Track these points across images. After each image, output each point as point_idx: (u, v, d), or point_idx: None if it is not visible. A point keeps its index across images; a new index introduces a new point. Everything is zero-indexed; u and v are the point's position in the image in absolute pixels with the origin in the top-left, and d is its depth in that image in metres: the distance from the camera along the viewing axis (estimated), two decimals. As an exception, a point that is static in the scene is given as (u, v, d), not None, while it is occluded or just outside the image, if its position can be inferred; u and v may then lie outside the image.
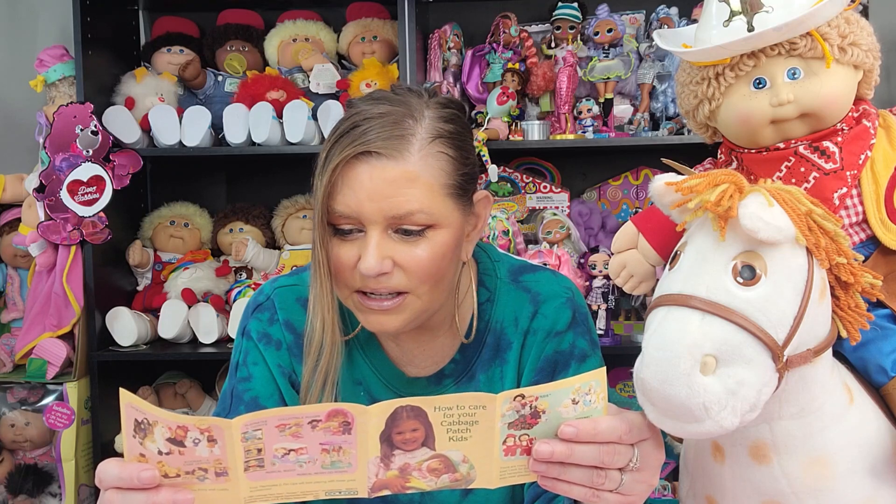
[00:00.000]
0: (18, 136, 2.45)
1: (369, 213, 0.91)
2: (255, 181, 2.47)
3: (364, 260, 0.91)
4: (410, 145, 0.91)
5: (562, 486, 0.78)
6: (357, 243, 0.93)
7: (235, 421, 0.70)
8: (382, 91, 0.99)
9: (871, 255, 1.01)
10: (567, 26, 2.15)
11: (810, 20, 0.95)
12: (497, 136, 2.06)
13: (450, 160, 0.94)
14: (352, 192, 0.91)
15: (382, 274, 0.92)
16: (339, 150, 0.91)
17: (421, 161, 0.91)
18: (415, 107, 0.94)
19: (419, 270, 0.93)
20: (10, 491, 2.19)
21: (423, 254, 0.92)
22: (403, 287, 0.93)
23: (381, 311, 0.95)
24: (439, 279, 0.95)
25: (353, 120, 0.92)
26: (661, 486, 2.08)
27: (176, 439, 0.71)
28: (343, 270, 0.94)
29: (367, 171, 0.90)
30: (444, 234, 0.94)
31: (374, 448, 0.74)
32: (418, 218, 0.91)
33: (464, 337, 1.05)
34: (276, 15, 2.36)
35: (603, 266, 2.05)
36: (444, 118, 0.95)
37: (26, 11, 2.51)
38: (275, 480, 0.74)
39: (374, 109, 0.93)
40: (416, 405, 0.73)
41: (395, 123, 0.91)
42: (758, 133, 1.02)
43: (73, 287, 2.12)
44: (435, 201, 0.92)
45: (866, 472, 0.92)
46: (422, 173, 0.91)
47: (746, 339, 0.76)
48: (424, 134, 0.92)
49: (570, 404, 0.76)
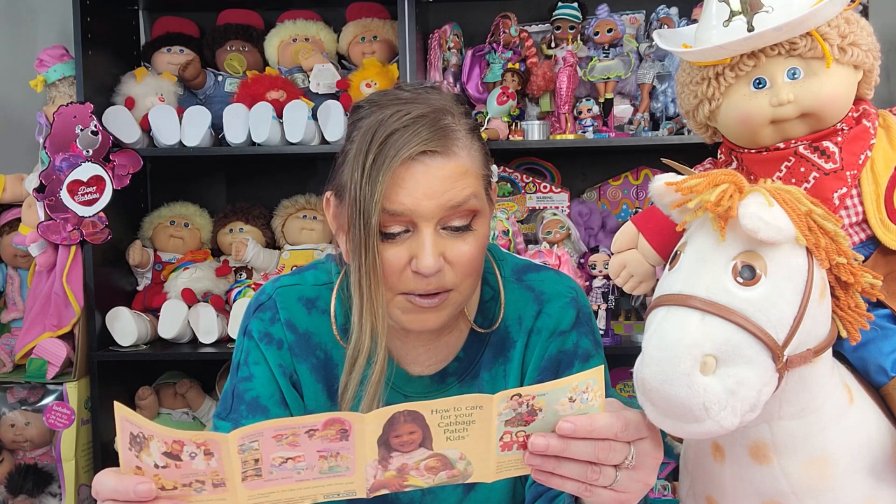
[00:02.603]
0: (18, 136, 2.45)
1: (425, 211, 0.91)
2: (255, 181, 2.47)
3: (422, 259, 0.92)
4: (458, 140, 0.94)
5: (556, 479, 0.78)
6: (406, 244, 0.93)
7: (231, 435, 0.70)
8: (394, 92, 0.99)
9: (871, 255, 1.01)
10: (567, 26, 2.15)
11: (810, 20, 0.95)
12: (497, 136, 2.07)
13: (483, 152, 0.99)
14: (406, 192, 0.91)
15: (437, 271, 0.93)
16: (392, 153, 0.90)
17: (468, 155, 0.95)
18: (443, 104, 0.96)
19: (468, 265, 0.95)
20: (10, 491, 2.19)
21: (470, 249, 0.95)
22: (450, 284, 0.95)
23: (427, 310, 0.96)
24: (479, 272, 0.99)
25: (392, 124, 0.92)
26: (661, 486, 2.08)
27: (172, 453, 0.71)
28: (392, 274, 0.93)
29: (423, 171, 0.91)
30: (484, 224, 0.98)
31: (372, 452, 0.74)
32: (471, 204, 0.94)
33: (480, 327, 1.06)
34: (276, 15, 2.36)
35: (603, 266, 2.05)
36: (466, 113, 0.99)
37: (26, 11, 2.51)
38: (273, 488, 0.74)
39: (411, 111, 0.93)
40: (413, 410, 0.73)
41: (439, 122, 0.93)
42: (758, 133, 1.02)
43: (73, 287, 2.12)
44: (480, 190, 0.96)
45: (866, 472, 0.92)
46: (470, 166, 0.95)
47: (746, 339, 0.76)
48: (463, 129, 0.96)
49: (567, 402, 0.76)
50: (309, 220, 2.31)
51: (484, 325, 1.07)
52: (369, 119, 0.94)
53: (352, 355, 0.97)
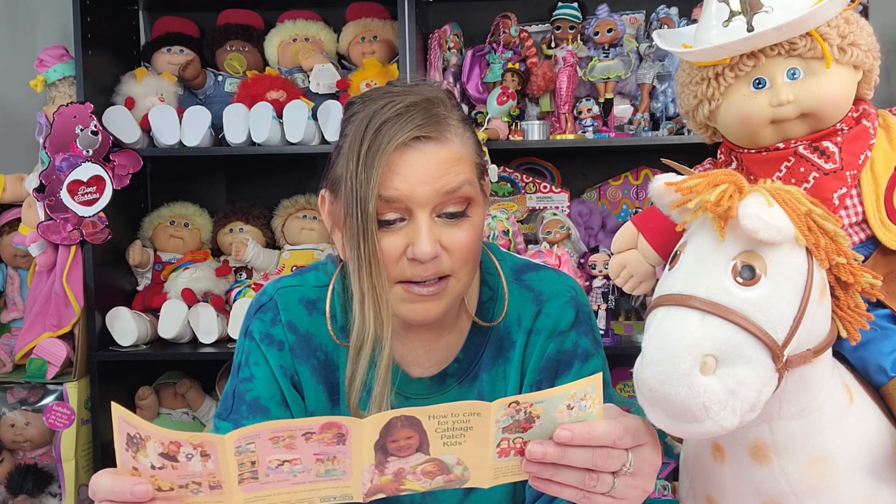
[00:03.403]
0: (18, 136, 2.45)
1: (420, 197, 0.92)
2: (255, 181, 2.47)
3: (418, 245, 0.92)
4: (451, 128, 0.95)
5: (553, 487, 0.78)
6: (402, 232, 0.94)
7: (228, 436, 0.70)
8: (386, 87, 1.00)
9: (871, 255, 1.01)
10: (567, 26, 2.15)
11: (810, 20, 0.95)
12: (497, 136, 2.06)
13: (475, 141, 1.00)
14: (402, 178, 0.92)
15: (434, 258, 0.93)
16: (386, 140, 0.91)
17: (461, 143, 0.96)
18: (434, 94, 0.97)
19: (464, 250, 0.95)
20: (10, 491, 2.19)
21: (465, 235, 0.95)
22: (447, 270, 0.95)
23: (426, 298, 0.96)
24: (476, 259, 1.00)
25: (385, 114, 0.93)
26: (661, 486, 2.08)
27: (169, 454, 0.71)
28: (389, 262, 0.94)
29: (417, 157, 0.92)
30: (479, 212, 0.98)
31: (369, 457, 0.74)
32: (466, 190, 0.95)
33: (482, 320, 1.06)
34: (276, 15, 2.36)
35: (603, 266, 2.05)
36: (457, 105, 1.00)
37: (26, 11, 2.51)
38: (269, 491, 0.74)
39: (404, 100, 0.94)
40: (410, 415, 0.73)
41: (431, 109, 0.94)
42: (757, 133, 1.02)
43: (73, 287, 2.12)
44: (474, 178, 0.97)
45: (866, 472, 0.92)
46: (463, 153, 0.96)
47: (746, 339, 0.76)
48: (455, 118, 0.97)
49: (566, 410, 0.76)
50: (309, 220, 2.31)
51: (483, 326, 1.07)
52: (362, 112, 0.95)
53: (355, 344, 0.96)
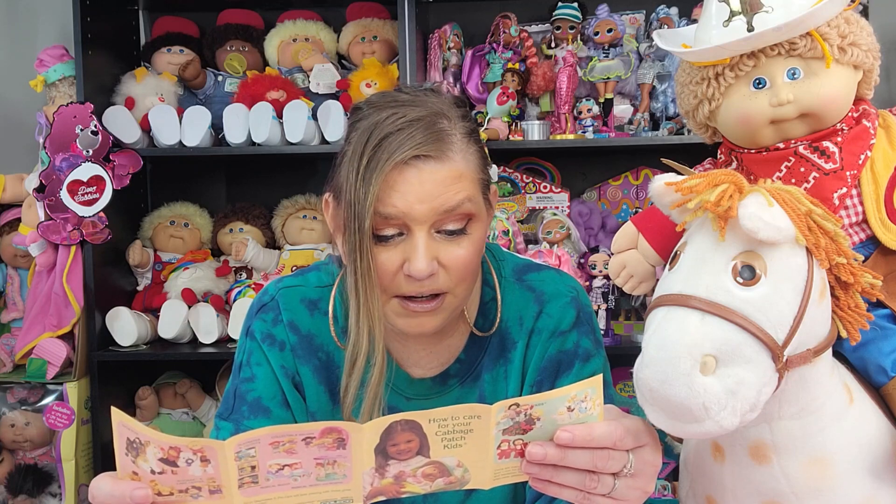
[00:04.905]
0: (18, 136, 2.45)
1: (418, 215, 0.91)
2: (255, 181, 2.47)
3: (414, 262, 0.91)
4: (453, 145, 0.93)
5: (553, 488, 0.78)
6: (400, 248, 0.93)
7: (228, 442, 0.70)
8: (393, 94, 0.98)
9: (871, 255, 1.01)
10: (567, 26, 2.15)
11: (810, 20, 0.95)
12: (497, 136, 2.07)
13: (480, 156, 0.98)
14: (400, 196, 0.90)
15: (430, 275, 0.92)
16: (385, 157, 0.90)
17: (463, 160, 0.94)
18: (440, 107, 0.95)
19: (462, 269, 0.94)
20: (10, 491, 2.19)
21: (464, 252, 0.94)
22: (444, 287, 0.94)
23: (422, 314, 0.95)
24: (475, 274, 0.99)
25: (387, 127, 0.91)
26: (661, 486, 2.08)
27: (168, 459, 0.70)
28: (385, 276, 0.93)
29: (416, 175, 0.91)
30: (480, 228, 0.97)
31: (369, 461, 0.74)
32: (466, 207, 0.93)
33: (480, 330, 1.06)
34: (276, 15, 2.36)
35: (603, 266, 2.05)
36: (464, 116, 0.98)
37: (26, 11, 2.51)
38: (269, 495, 0.74)
39: (407, 113, 0.92)
40: (410, 419, 0.72)
41: (434, 125, 0.92)
42: (757, 133, 1.02)
43: (73, 287, 2.13)
44: (476, 194, 0.95)
45: (866, 472, 0.92)
46: (465, 171, 0.94)
47: (746, 339, 0.76)
48: (459, 133, 0.95)
49: (566, 412, 0.76)
50: (309, 220, 2.31)
51: (485, 326, 1.07)
52: (367, 121, 0.94)
53: (350, 357, 0.97)
